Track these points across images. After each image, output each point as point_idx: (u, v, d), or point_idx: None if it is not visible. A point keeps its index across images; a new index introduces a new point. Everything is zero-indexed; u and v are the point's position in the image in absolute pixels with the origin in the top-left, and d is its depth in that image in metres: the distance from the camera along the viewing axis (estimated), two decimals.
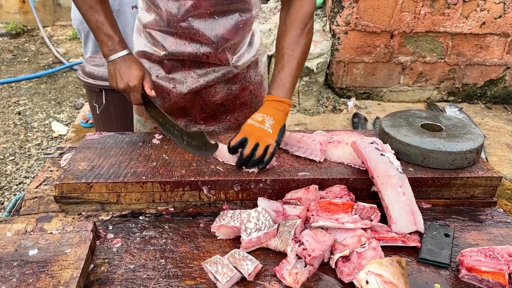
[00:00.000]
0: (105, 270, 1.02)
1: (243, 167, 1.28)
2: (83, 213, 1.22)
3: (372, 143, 1.22)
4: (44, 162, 1.48)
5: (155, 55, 1.54)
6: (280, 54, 1.41)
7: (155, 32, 1.50)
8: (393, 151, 1.22)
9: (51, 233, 1.09)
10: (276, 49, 1.46)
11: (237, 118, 1.72)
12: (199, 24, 1.42)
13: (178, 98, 1.60)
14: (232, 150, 1.28)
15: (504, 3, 4.14)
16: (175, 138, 1.40)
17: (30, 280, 0.91)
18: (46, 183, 1.35)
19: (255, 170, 1.27)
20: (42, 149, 3.77)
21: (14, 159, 3.60)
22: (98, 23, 1.38)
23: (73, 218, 1.19)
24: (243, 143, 1.27)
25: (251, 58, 1.64)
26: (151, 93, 1.41)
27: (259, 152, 1.25)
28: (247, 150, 1.25)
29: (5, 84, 5.07)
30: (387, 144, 1.26)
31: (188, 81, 1.57)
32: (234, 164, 1.29)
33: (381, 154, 1.19)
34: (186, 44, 1.48)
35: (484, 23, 4.21)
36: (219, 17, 1.43)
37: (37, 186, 1.33)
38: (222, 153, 1.33)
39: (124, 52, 1.40)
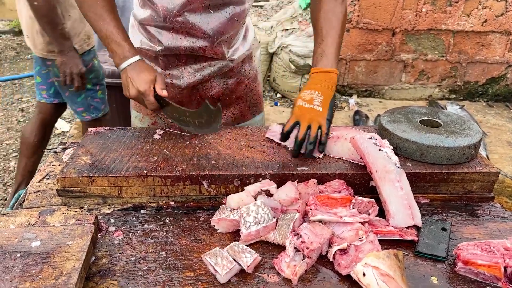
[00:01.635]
0: (107, 262, 1.04)
1: (302, 155, 1.27)
2: (85, 206, 1.24)
3: (371, 138, 1.23)
4: (46, 157, 1.50)
5: (151, 50, 1.56)
6: (318, 27, 1.39)
7: (151, 28, 1.52)
8: (391, 147, 1.23)
9: (54, 225, 1.11)
10: (312, 22, 1.43)
11: (233, 112, 1.74)
12: (195, 18, 1.44)
13: (175, 93, 1.62)
14: (284, 137, 1.30)
15: (506, 1, 4.14)
16: (190, 126, 1.40)
17: (33, 271, 0.92)
18: (48, 177, 1.37)
19: (319, 154, 1.29)
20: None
21: (17, 156, 3.62)
22: (107, 32, 1.35)
23: (75, 212, 1.21)
24: (295, 127, 1.27)
25: (246, 52, 1.67)
26: (162, 92, 1.35)
27: (313, 133, 1.24)
28: (300, 134, 1.24)
29: (8, 81, 5.10)
30: (386, 139, 1.27)
31: (184, 76, 1.59)
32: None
33: (380, 149, 1.20)
34: (182, 39, 1.49)
35: (486, 21, 4.22)
36: (214, 10, 1.45)
37: (40, 180, 1.35)
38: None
39: (135, 59, 1.36)
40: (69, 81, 2.37)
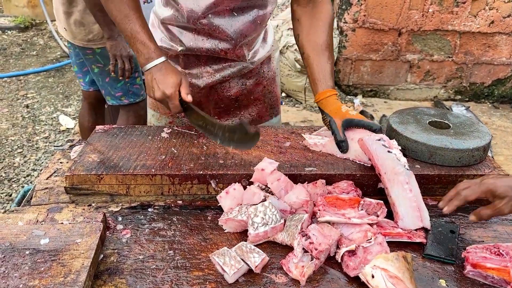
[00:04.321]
0: (115, 260, 1.04)
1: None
2: (93, 204, 1.24)
3: (379, 140, 1.23)
4: (53, 154, 1.50)
5: (172, 50, 1.55)
6: (324, 47, 1.45)
7: (173, 27, 1.51)
8: (400, 148, 1.22)
9: (62, 223, 1.11)
10: (316, 39, 1.46)
11: (251, 113, 1.73)
12: (219, 21, 1.43)
13: (194, 92, 1.60)
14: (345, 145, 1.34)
15: None
16: (217, 138, 1.33)
17: (42, 268, 0.93)
18: (56, 174, 1.37)
19: None
20: (50, 142, 3.80)
21: (22, 152, 3.63)
22: (133, 32, 1.33)
23: (83, 209, 1.21)
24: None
25: (266, 54, 1.66)
26: (187, 98, 1.32)
27: None
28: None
29: (14, 77, 5.11)
30: (394, 140, 1.27)
31: (204, 76, 1.59)
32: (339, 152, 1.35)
33: (388, 151, 1.20)
34: (204, 40, 1.49)
35: (492, 22, 4.20)
36: (238, 13, 1.44)
37: (48, 177, 1.35)
38: (328, 146, 1.37)
39: (160, 60, 1.33)
40: (120, 63, 2.48)
